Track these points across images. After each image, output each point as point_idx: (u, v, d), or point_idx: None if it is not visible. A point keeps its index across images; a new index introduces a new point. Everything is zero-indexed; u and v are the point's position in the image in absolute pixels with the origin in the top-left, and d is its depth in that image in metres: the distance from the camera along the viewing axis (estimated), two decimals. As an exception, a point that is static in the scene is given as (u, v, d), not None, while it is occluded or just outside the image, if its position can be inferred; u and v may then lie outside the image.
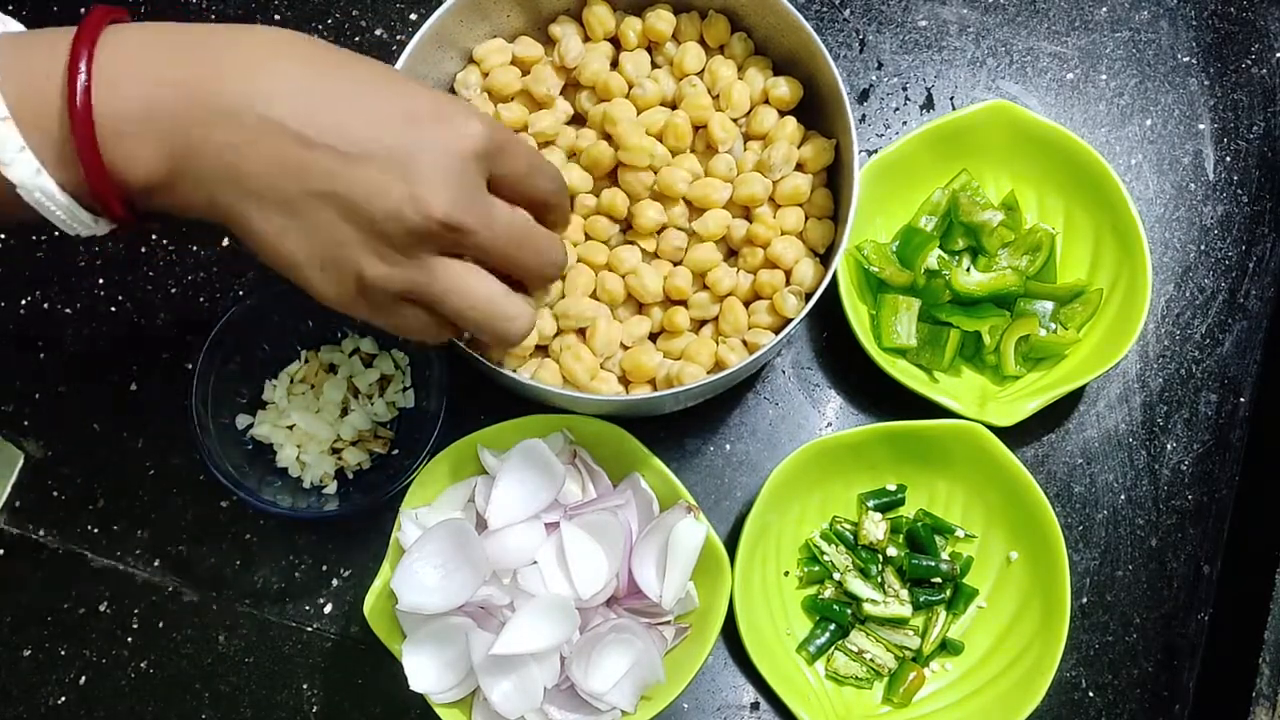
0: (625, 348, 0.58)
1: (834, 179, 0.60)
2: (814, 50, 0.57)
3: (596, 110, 0.59)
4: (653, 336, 0.59)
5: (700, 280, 0.58)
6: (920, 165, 0.66)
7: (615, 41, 0.62)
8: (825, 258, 0.58)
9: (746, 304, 0.58)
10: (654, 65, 0.61)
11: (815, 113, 0.60)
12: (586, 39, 0.61)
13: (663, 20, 0.60)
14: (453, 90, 0.61)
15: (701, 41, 0.61)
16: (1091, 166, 0.65)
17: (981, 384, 0.65)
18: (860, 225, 0.65)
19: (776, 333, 0.55)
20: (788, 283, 0.57)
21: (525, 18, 0.61)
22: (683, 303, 0.58)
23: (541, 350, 0.58)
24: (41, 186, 0.40)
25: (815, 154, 0.59)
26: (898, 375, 0.62)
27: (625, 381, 0.58)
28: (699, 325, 0.59)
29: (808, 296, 0.55)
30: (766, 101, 0.60)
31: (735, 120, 0.60)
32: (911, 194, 0.67)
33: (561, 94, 0.61)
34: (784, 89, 0.59)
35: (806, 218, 0.59)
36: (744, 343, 0.57)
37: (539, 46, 0.61)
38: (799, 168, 0.59)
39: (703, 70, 0.60)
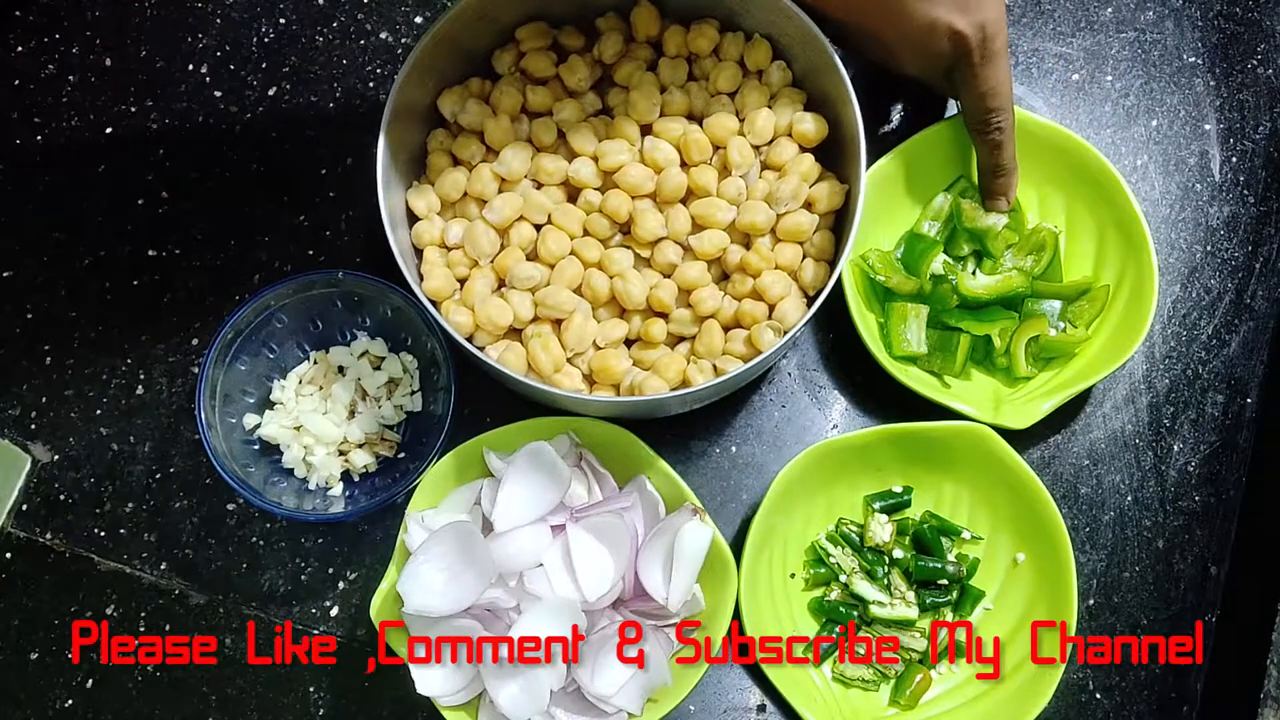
0: (598, 348, 0.58)
1: (839, 223, 0.60)
2: (844, 94, 0.57)
3: (622, 103, 0.60)
4: (628, 343, 0.59)
5: (685, 297, 0.58)
6: (923, 168, 0.66)
7: (659, 48, 0.62)
8: (813, 300, 0.57)
9: (726, 329, 0.58)
10: (691, 78, 0.62)
11: (835, 156, 0.60)
12: (631, 39, 0.62)
13: (705, 36, 0.60)
14: (490, 64, 0.62)
15: (741, 63, 0.61)
16: (1091, 163, 0.65)
17: (994, 387, 0.65)
18: (864, 229, 0.65)
19: (746, 362, 0.55)
20: (770, 316, 0.57)
21: (573, 6, 0.62)
22: (664, 315, 0.59)
23: (515, 333, 0.58)
24: None
25: (826, 195, 0.59)
26: (911, 383, 0.62)
27: (590, 381, 0.58)
28: (675, 341, 0.59)
29: (786, 333, 0.56)
30: (790, 134, 0.60)
31: (756, 147, 0.60)
32: (915, 198, 0.67)
33: (594, 88, 0.61)
34: (809, 125, 0.59)
35: (804, 257, 0.59)
36: (713, 367, 0.57)
37: (581, 37, 0.62)
38: (808, 206, 0.59)
39: (735, 92, 0.61)
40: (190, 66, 0.70)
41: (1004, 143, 0.62)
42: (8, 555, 0.62)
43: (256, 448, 0.62)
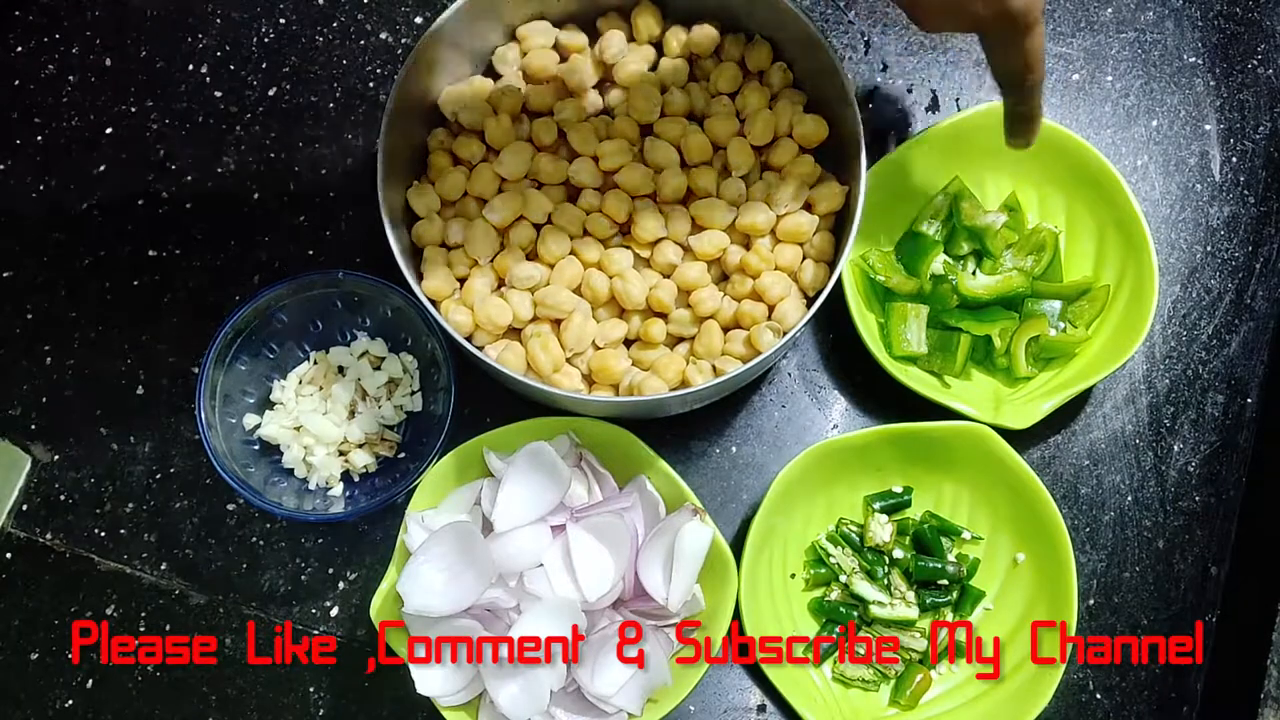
0: (598, 348, 0.58)
1: (839, 224, 0.60)
2: (844, 96, 0.57)
3: (622, 103, 0.60)
4: (627, 343, 0.59)
5: (685, 297, 0.58)
6: (923, 168, 0.66)
7: (660, 48, 0.62)
8: (813, 301, 0.57)
9: (725, 330, 0.58)
10: (692, 78, 0.62)
11: (835, 157, 0.60)
12: (632, 39, 0.62)
13: (706, 36, 0.60)
14: (491, 64, 0.62)
15: (742, 64, 0.61)
16: (1091, 163, 0.65)
17: (994, 387, 0.65)
18: (864, 229, 0.65)
19: (746, 363, 0.55)
20: (770, 317, 0.57)
21: (576, 5, 0.62)
22: (663, 316, 0.59)
23: (514, 333, 0.58)
24: None
25: (826, 196, 0.59)
26: (911, 384, 0.62)
27: (589, 381, 0.58)
28: (675, 341, 0.59)
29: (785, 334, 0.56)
30: (791, 135, 0.60)
31: (756, 148, 0.60)
32: (915, 198, 0.67)
33: (595, 88, 0.62)
34: (809, 127, 0.59)
35: (804, 258, 0.59)
36: (713, 367, 0.57)
37: (583, 36, 0.62)
38: (807, 207, 0.59)
39: (736, 93, 0.61)
40: (190, 66, 0.70)
41: (1027, 98, 0.59)
42: (8, 555, 0.62)
43: (256, 448, 0.62)
